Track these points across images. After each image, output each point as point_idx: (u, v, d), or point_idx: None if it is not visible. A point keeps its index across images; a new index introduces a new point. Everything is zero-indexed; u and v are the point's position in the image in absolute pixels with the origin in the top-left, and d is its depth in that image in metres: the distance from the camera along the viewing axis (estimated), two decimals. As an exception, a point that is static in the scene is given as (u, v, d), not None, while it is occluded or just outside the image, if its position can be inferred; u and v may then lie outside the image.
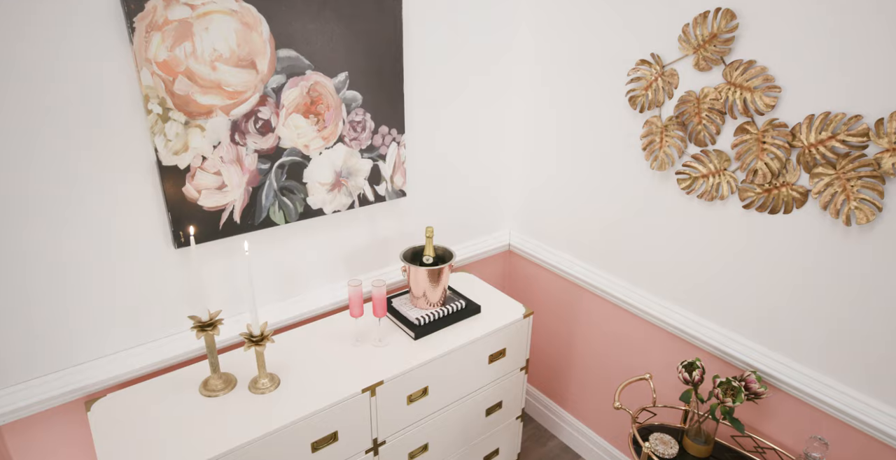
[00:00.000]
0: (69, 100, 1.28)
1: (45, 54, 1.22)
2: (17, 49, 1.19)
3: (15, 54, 1.19)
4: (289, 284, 1.83)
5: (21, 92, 1.22)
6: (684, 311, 1.83)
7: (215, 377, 1.53)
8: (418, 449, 1.80)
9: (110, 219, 1.42)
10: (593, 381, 2.27)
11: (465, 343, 1.76)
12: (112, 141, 1.37)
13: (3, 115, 1.22)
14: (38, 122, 1.26)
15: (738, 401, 1.50)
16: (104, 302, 1.49)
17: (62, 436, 1.53)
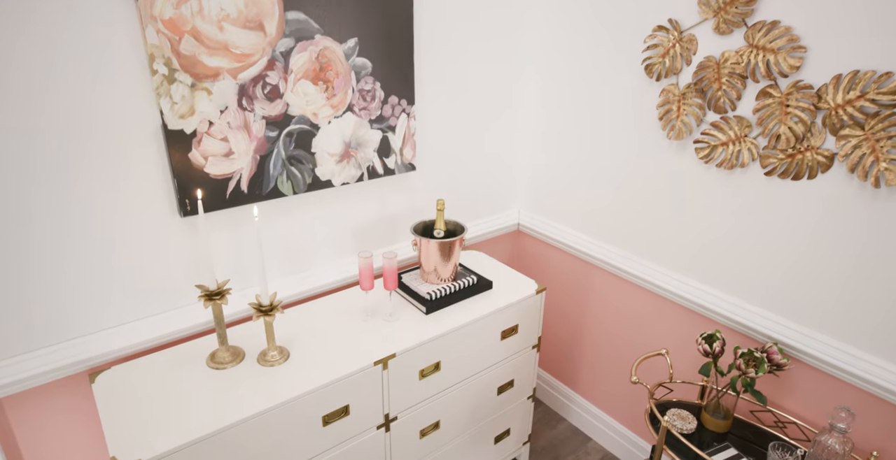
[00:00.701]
0: (71, 56, 1.23)
1: (48, 8, 1.18)
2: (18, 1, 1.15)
3: (14, 5, 1.15)
4: (296, 259, 1.78)
5: (22, 46, 1.17)
6: (701, 285, 1.79)
7: (223, 349, 1.48)
8: (430, 427, 1.76)
9: (114, 186, 1.38)
10: (604, 362, 2.23)
11: (477, 318, 1.72)
12: (116, 102, 1.32)
13: (3, 71, 1.17)
14: (41, 79, 1.21)
15: (762, 372, 1.46)
16: (107, 272, 1.44)
17: (65, 410, 1.48)
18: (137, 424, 1.27)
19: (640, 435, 2.18)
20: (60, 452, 1.51)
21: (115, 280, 1.46)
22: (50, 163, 1.28)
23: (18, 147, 1.23)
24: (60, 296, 1.39)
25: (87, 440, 1.54)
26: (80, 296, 1.42)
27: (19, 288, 1.33)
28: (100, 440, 1.57)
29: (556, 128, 2.12)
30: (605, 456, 2.28)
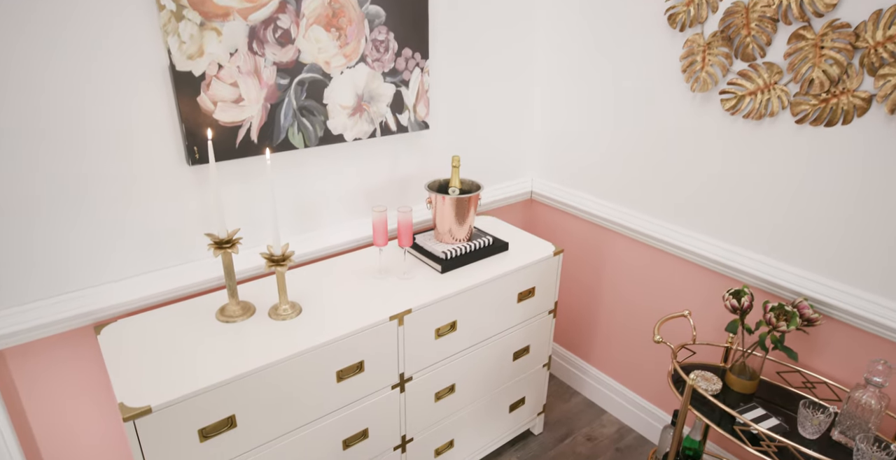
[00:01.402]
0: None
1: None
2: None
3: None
4: (307, 217, 1.73)
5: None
6: (725, 244, 1.73)
7: (233, 303, 1.43)
8: (445, 390, 1.70)
9: (119, 131, 1.32)
10: (621, 332, 2.17)
11: (494, 277, 1.67)
12: (121, 38, 1.26)
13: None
14: (49, 19, 1.15)
15: (793, 325, 1.40)
16: (113, 223, 1.39)
17: (69, 364, 1.43)
18: (144, 373, 1.22)
19: (657, 405, 2.12)
20: (63, 405, 1.46)
21: (121, 231, 1.40)
22: (50, 105, 1.22)
23: (18, 87, 1.17)
24: (64, 246, 1.34)
25: (90, 394, 1.49)
26: (84, 247, 1.36)
27: (22, 236, 1.28)
28: (104, 394, 1.51)
29: (572, 89, 2.06)
30: (621, 428, 2.23)
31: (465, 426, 1.84)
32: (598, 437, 2.18)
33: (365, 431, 1.54)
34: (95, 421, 1.53)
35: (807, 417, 1.42)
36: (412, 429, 1.67)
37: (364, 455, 1.57)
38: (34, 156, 1.23)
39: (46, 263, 1.33)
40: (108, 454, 1.58)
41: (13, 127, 1.19)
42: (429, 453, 1.76)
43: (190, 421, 1.18)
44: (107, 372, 1.43)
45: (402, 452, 1.67)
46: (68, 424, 1.48)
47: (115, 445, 1.59)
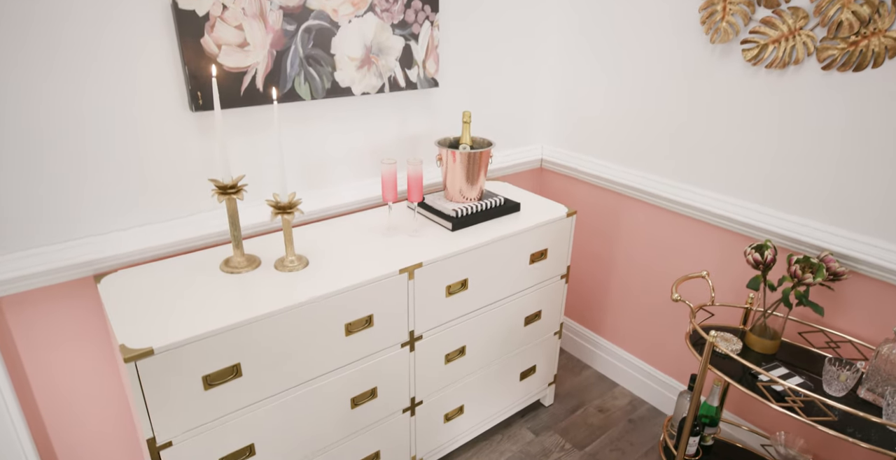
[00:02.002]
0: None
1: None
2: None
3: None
4: (314, 174, 1.67)
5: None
6: (743, 201, 1.67)
7: (238, 254, 1.38)
8: (455, 352, 1.65)
9: (118, 74, 1.27)
10: (634, 302, 2.12)
11: (506, 234, 1.61)
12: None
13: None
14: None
15: (819, 277, 1.35)
16: (113, 170, 1.34)
17: (68, 315, 1.38)
18: (146, 318, 1.17)
19: (672, 375, 2.07)
20: (60, 356, 1.41)
21: (122, 179, 1.35)
22: (50, 42, 1.17)
23: (17, 23, 1.12)
24: (62, 193, 1.29)
25: (89, 345, 1.44)
26: (84, 194, 1.31)
27: (19, 182, 1.23)
28: (103, 345, 1.46)
29: (585, 49, 2.00)
30: (634, 400, 2.18)
31: (475, 392, 1.79)
32: (610, 409, 2.13)
33: (374, 390, 1.49)
34: (93, 371, 1.48)
35: (833, 374, 1.37)
36: (421, 392, 1.62)
37: (373, 415, 1.52)
38: (34, 94, 1.18)
39: (42, 210, 1.28)
40: (106, 405, 1.53)
41: (13, 66, 1.14)
42: (438, 418, 1.71)
43: (193, 366, 1.14)
44: (106, 323, 1.38)
45: (411, 415, 1.63)
46: (66, 375, 1.44)
47: (114, 396, 1.54)
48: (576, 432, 2.01)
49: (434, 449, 1.76)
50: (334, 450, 1.48)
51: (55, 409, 1.45)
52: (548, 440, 1.97)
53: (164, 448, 1.15)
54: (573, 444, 1.95)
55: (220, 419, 1.22)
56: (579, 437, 1.99)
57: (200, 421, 1.19)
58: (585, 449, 1.93)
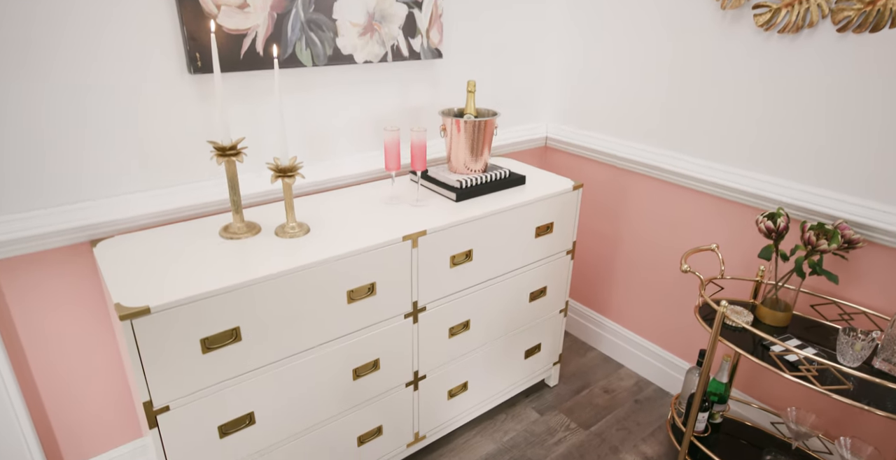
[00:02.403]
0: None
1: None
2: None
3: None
4: (315, 145, 1.64)
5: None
6: (754, 173, 1.63)
7: (237, 220, 1.35)
8: (459, 326, 1.62)
9: (114, 34, 1.24)
10: (641, 281, 2.09)
11: (511, 205, 1.58)
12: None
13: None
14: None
15: (835, 243, 1.31)
16: (108, 133, 1.30)
17: (63, 281, 1.35)
18: (142, 279, 1.14)
19: (678, 354, 2.03)
20: (56, 323, 1.38)
21: (119, 143, 1.32)
22: (42, 5, 1.14)
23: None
24: (57, 156, 1.25)
25: (84, 311, 1.41)
26: (80, 158, 1.28)
27: (15, 143, 1.20)
28: (99, 312, 1.43)
29: (592, 22, 1.96)
30: (640, 381, 2.14)
31: (479, 368, 1.76)
32: (616, 390, 2.10)
33: (376, 362, 1.45)
34: (89, 338, 1.45)
35: (847, 344, 1.33)
36: (425, 366, 1.59)
37: (375, 388, 1.49)
38: (27, 49, 1.15)
39: (37, 174, 1.25)
40: (102, 373, 1.50)
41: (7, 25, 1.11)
42: (441, 394, 1.68)
43: (191, 328, 1.10)
44: (102, 289, 1.35)
45: (414, 389, 1.59)
46: (61, 342, 1.41)
47: (110, 363, 1.51)
48: (581, 412, 1.98)
49: (437, 427, 1.73)
50: (336, 423, 1.45)
51: (50, 376, 1.42)
52: (553, 419, 1.94)
53: (161, 412, 1.12)
54: (578, 424, 1.92)
55: (219, 385, 1.19)
56: (585, 417, 1.95)
57: (199, 386, 1.16)
58: (591, 429, 1.90)
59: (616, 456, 1.79)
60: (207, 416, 1.20)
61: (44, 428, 1.45)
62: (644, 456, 1.79)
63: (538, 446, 1.82)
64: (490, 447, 1.81)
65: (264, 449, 1.33)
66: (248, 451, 1.30)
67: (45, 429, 1.45)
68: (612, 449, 1.82)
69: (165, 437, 1.15)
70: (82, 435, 1.52)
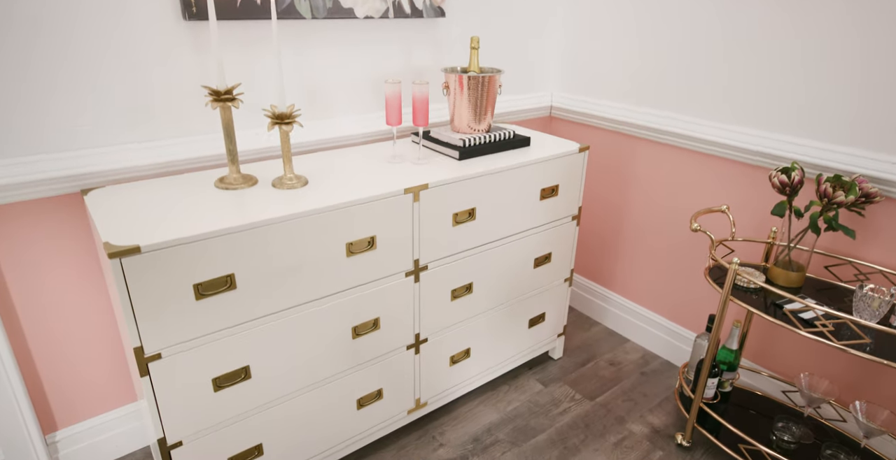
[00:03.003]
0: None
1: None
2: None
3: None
4: (314, 103, 1.60)
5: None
6: (765, 132, 1.58)
7: (234, 170, 1.30)
8: (462, 288, 1.58)
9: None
10: (647, 252, 2.04)
11: (515, 164, 1.54)
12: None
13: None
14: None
15: (853, 194, 1.27)
16: (101, 79, 1.26)
17: (53, 231, 1.31)
18: (133, 223, 1.09)
19: (685, 325, 1.99)
20: (45, 273, 1.34)
21: (111, 91, 1.28)
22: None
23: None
24: (45, 103, 1.21)
25: (75, 262, 1.37)
26: (70, 105, 1.24)
27: (5, 88, 1.15)
28: (90, 262, 1.39)
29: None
30: (646, 354, 2.10)
31: (482, 335, 1.72)
32: (622, 362, 2.05)
33: (376, 321, 1.41)
34: (81, 293, 1.41)
35: (864, 300, 1.28)
36: (426, 328, 1.55)
37: (375, 348, 1.45)
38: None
39: (26, 118, 1.20)
40: (94, 331, 1.46)
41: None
42: (444, 359, 1.64)
43: (184, 272, 1.06)
44: (94, 242, 1.31)
45: (415, 353, 1.55)
46: (50, 293, 1.37)
47: (103, 322, 1.47)
48: (586, 383, 1.94)
49: (439, 394, 1.69)
50: (335, 384, 1.41)
51: (42, 335, 1.37)
52: (557, 390, 1.90)
53: (152, 360, 1.08)
54: (583, 395, 1.88)
55: (214, 335, 1.15)
56: (590, 388, 1.91)
57: (192, 335, 1.12)
58: (596, 400, 1.86)
59: (622, 426, 1.74)
60: (201, 368, 1.16)
61: (35, 389, 1.41)
62: (651, 426, 1.75)
63: (542, 416, 1.78)
64: (493, 416, 1.77)
65: (261, 406, 1.29)
66: (244, 407, 1.26)
67: (36, 390, 1.41)
68: (618, 419, 1.77)
69: (157, 388, 1.10)
70: (75, 397, 1.48)
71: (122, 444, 1.58)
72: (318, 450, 1.46)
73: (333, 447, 1.49)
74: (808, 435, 1.55)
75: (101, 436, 1.54)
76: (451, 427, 1.72)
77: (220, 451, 1.26)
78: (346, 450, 1.54)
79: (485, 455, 1.62)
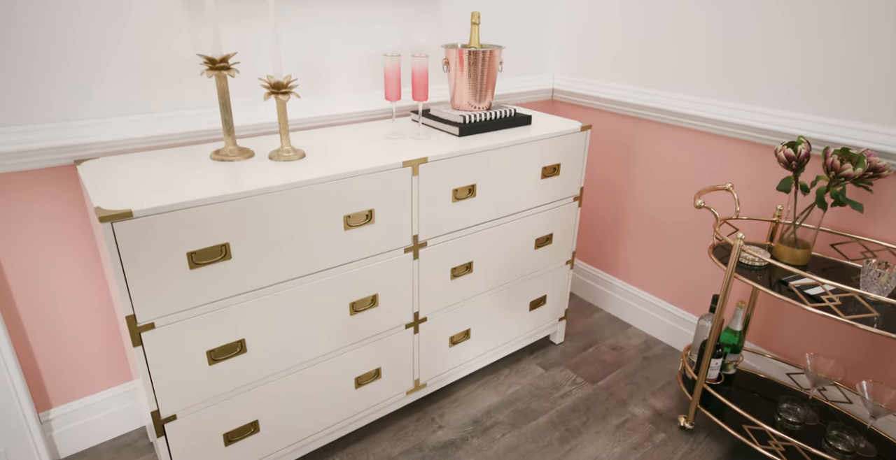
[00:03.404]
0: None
1: None
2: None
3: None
4: (312, 80, 1.57)
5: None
6: (769, 109, 1.56)
7: (230, 142, 1.28)
8: (462, 267, 1.55)
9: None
10: (650, 236, 2.01)
11: (516, 140, 1.51)
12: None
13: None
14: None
15: (861, 166, 1.24)
16: (94, 48, 1.24)
17: (45, 203, 1.29)
18: (126, 190, 1.07)
19: (688, 309, 1.96)
20: (41, 250, 1.32)
21: (106, 62, 1.26)
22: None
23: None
24: (41, 72, 1.19)
25: (67, 233, 1.35)
26: (66, 77, 1.22)
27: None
28: (86, 239, 1.37)
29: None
30: (648, 340, 2.07)
31: (482, 316, 1.69)
32: (624, 347, 2.03)
33: (374, 297, 1.39)
34: (75, 268, 1.39)
35: (873, 275, 1.26)
36: (426, 307, 1.52)
37: (373, 326, 1.43)
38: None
39: (20, 88, 1.18)
40: (90, 307, 1.44)
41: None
42: (443, 340, 1.62)
43: (177, 240, 1.04)
44: (88, 214, 1.29)
45: (414, 332, 1.53)
46: (46, 272, 1.35)
47: (99, 297, 1.45)
48: (588, 367, 1.91)
49: (439, 375, 1.67)
50: (333, 361, 1.39)
51: (36, 310, 1.36)
52: (558, 374, 1.87)
53: (145, 329, 1.06)
54: (585, 379, 1.85)
55: (209, 306, 1.13)
56: (591, 372, 1.89)
57: (186, 306, 1.09)
58: (598, 383, 1.83)
59: (624, 409, 1.72)
60: (195, 340, 1.13)
61: (29, 365, 1.39)
62: (654, 409, 1.72)
63: (543, 399, 1.76)
64: (493, 399, 1.75)
65: (257, 381, 1.26)
66: (240, 382, 1.24)
67: (30, 366, 1.40)
68: (620, 402, 1.75)
69: (151, 359, 1.08)
70: (70, 375, 1.46)
71: (118, 424, 1.56)
72: (315, 429, 1.44)
73: (331, 426, 1.47)
74: (812, 417, 1.53)
75: (95, 415, 1.52)
76: (450, 409, 1.70)
77: (215, 426, 1.24)
78: (344, 430, 1.51)
79: (485, 436, 1.60)
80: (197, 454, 1.23)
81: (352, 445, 1.56)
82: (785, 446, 1.44)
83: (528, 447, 1.57)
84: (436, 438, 1.59)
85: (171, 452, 1.19)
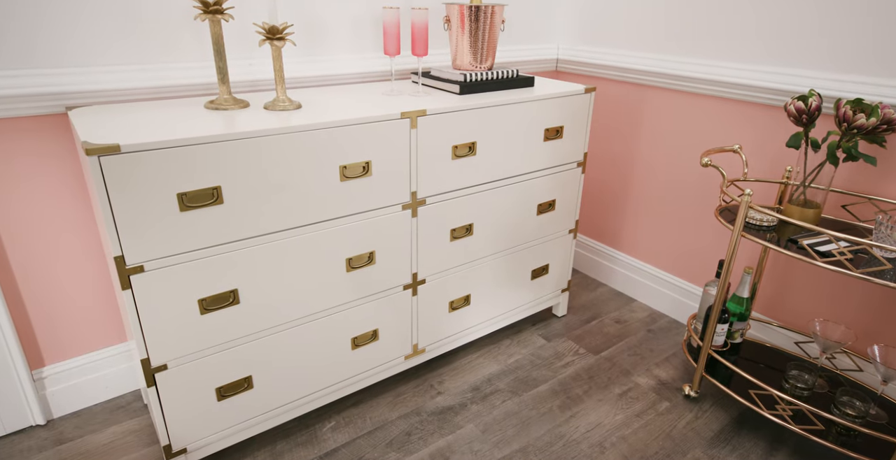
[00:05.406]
0: None
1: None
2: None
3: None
4: (310, 39, 1.54)
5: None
6: (777, 67, 1.52)
7: (224, 91, 1.25)
8: (462, 229, 1.52)
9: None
10: (656, 206, 1.97)
11: (518, 99, 1.48)
12: None
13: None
14: None
15: (874, 117, 1.20)
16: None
17: (36, 150, 1.26)
18: (115, 128, 1.04)
19: (691, 280, 1.92)
20: (33, 201, 1.29)
21: (101, 9, 1.23)
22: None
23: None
24: (34, 18, 1.17)
25: (59, 183, 1.33)
26: (58, 23, 1.20)
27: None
28: (76, 187, 1.35)
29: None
30: (653, 313, 2.03)
31: (483, 282, 1.66)
32: (628, 320, 1.99)
33: (371, 255, 1.36)
34: (66, 214, 1.37)
35: (886, 228, 1.22)
36: (424, 268, 1.49)
37: (371, 284, 1.40)
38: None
39: (14, 34, 1.16)
40: (85, 264, 1.42)
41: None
42: (443, 304, 1.59)
43: (167, 178, 1.01)
44: (80, 162, 1.27)
45: (413, 294, 1.50)
46: (39, 226, 1.33)
47: (94, 253, 1.43)
48: (591, 339, 1.88)
49: (437, 341, 1.64)
50: (329, 319, 1.36)
51: (30, 266, 1.34)
52: (560, 345, 1.84)
53: (134, 272, 1.03)
54: (588, 350, 1.82)
55: (200, 252, 1.10)
56: (595, 344, 1.85)
57: (177, 250, 1.07)
58: (601, 354, 1.80)
59: (627, 379, 1.68)
60: (186, 287, 1.11)
61: (21, 320, 1.37)
62: (658, 378, 1.69)
63: (545, 368, 1.72)
64: (493, 367, 1.72)
65: (250, 334, 1.24)
66: (233, 334, 1.21)
67: (22, 321, 1.38)
68: (623, 372, 1.71)
69: (140, 304, 1.06)
70: (63, 332, 1.44)
71: (112, 386, 1.54)
72: (311, 389, 1.41)
73: (327, 387, 1.45)
74: (822, 385, 1.49)
75: (89, 376, 1.50)
76: (450, 376, 1.67)
77: (207, 379, 1.22)
78: (340, 393, 1.49)
79: (484, 403, 1.57)
80: (188, 408, 1.21)
81: (349, 409, 1.53)
82: (793, 410, 1.40)
83: (528, 413, 1.53)
84: (434, 404, 1.56)
85: (163, 404, 1.17)
